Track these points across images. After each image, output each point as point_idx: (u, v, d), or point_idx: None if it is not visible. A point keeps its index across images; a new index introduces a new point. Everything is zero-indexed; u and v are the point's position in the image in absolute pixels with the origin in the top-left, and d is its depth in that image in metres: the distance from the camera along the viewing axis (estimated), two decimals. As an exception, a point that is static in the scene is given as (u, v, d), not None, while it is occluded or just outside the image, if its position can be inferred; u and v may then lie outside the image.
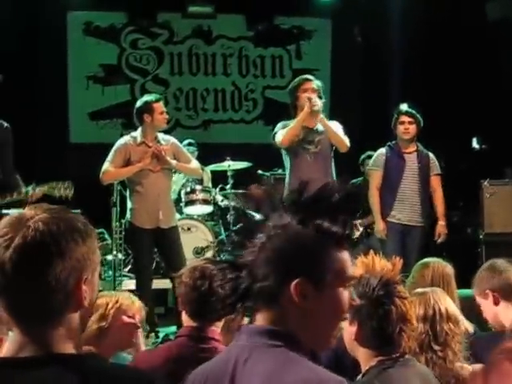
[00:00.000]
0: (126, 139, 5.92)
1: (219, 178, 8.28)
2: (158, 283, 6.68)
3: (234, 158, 7.99)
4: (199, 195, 7.56)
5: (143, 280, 5.91)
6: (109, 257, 7.44)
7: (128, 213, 5.98)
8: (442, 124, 8.60)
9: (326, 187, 1.56)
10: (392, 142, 6.41)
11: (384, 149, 6.41)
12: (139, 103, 5.93)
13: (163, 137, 6.00)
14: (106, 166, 5.82)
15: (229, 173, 7.97)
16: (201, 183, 7.86)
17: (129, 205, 5.97)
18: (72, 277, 1.40)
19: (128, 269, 7.56)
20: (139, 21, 10.29)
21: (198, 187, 7.63)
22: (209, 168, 8.14)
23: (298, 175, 5.60)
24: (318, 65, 10.36)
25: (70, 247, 1.40)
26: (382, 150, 6.41)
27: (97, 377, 1.39)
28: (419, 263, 3.79)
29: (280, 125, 5.85)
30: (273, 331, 1.50)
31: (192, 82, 10.53)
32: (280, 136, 5.76)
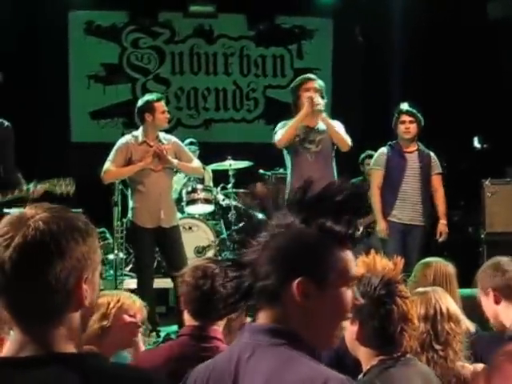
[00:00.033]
0: (128, 138, 5.92)
1: (220, 178, 8.27)
2: (160, 282, 6.68)
3: (236, 158, 7.99)
4: (200, 194, 7.56)
5: (144, 279, 5.90)
6: (110, 256, 7.45)
7: (129, 212, 5.98)
8: (443, 123, 8.60)
9: (331, 186, 1.56)
10: (393, 142, 6.41)
11: (385, 148, 6.40)
12: (140, 102, 5.93)
13: (164, 136, 5.99)
14: (108, 166, 5.82)
15: (230, 172, 7.96)
16: (202, 182, 7.86)
17: (130, 204, 5.97)
18: (72, 276, 1.40)
19: (129, 268, 7.55)
20: (140, 20, 10.29)
21: (200, 186, 7.63)
22: (210, 167, 8.13)
23: (299, 175, 5.59)
24: (320, 64, 10.36)
25: (71, 246, 1.40)
26: (383, 150, 6.40)
27: (98, 376, 1.39)
28: (421, 263, 3.78)
29: (281, 124, 5.84)
30: (276, 329, 1.50)
31: (193, 82, 10.53)
32: (278, 135, 5.75)
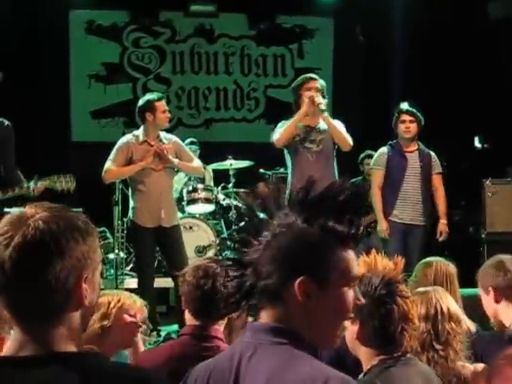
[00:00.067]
0: (128, 138, 5.92)
1: (221, 177, 8.27)
2: (160, 282, 6.67)
3: (236, 157, 7.99)
4: (201, 194, 7.56)
5: (145, 279, 5.90)
6: (111, 255, 7.45)
7: (130, 211, 5.98)
8: (444, 123, 8.60)
9: (332, 186, 1.56)
10: (393, 141, 6.40)
11: (385, 148, 6.40)
12: (141, 102, 5.92)
13: (165, 135, 5.99)
14: (108, 165, 5.82)
15: (231, 172, 7.96)
16: (203, 182, 7.85)
17: (131, 203, 5.96)
18: (72, 276, 1.40)
19: (130, 267, 7.56)
20: (141, 19, 10.29)
21: (200, 186, 7.63)
22: (211, 167, 8.13)
23: (300, 174, 5.59)
24: (320, 64, 10.36)
25: (70, 246, 1.40)
26: (384, 149, 6.40)
27: (98, 375, 1.38)
28: (422, 262, 3.77)
29: (281, 124, 5.84)
30: (278, 328, 1.50)
31: (194, 81, 10.53)
32: (277, 134, 5.75)
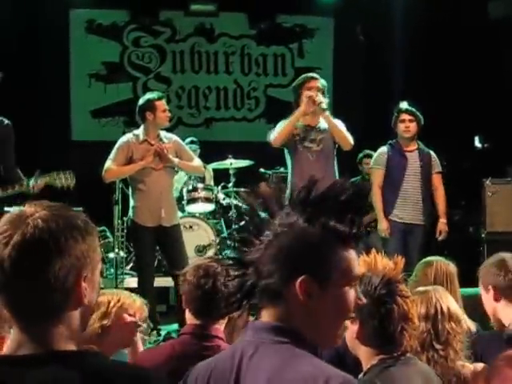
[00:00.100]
0: (129, 137, 5.91)
1: (221, 176, 8.27)
2: (160, 281, 6.67)
3: (236, 156, 7.99)
4: (201, 193, 7.56)
5: (145, 278, 5.90)
6: (111, 255, 7.45)
7: (130, 211, 5.98)
8: (445, 122, 8.60)
9: (334, 186, 1.56)
10: (393, 141, 6.40)
11: (385, 147, 6.39)
12: (141, 101, 5.92)
13: (165, 135, 5.99)
14: (109, 164, 5.82)
15: (231, 171, 7.96)
16: (203, 181, 7.85)
17: (131, 203, 5.96)
18: (71, 274, 1.40)
19: (130, 267, 7.56)
20: (141, 19, 10.29)
21: (200, 185, 7.63)
22: (211, 166, 8.13)
23: (300, 174, 5.59)
24: (321, 63, 10.35)
25: (69, 245, 1.40)
26: (384, 149, 6.39)
27: (97, 374, 1.38)
28: (422, 262, 3.77)
29: (281, 123, 5.84)
30: (279, 327, 1.50)
31: (194, 80, 10.53)
32: (275, 134, 5.75)
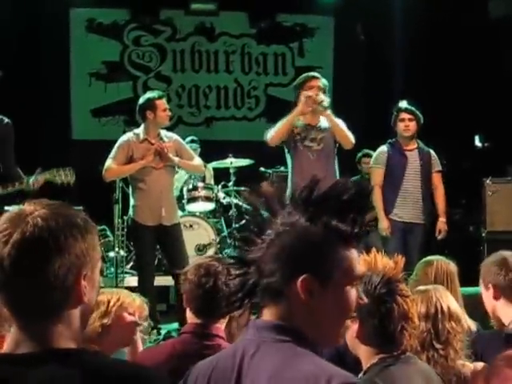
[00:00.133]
0: (129, 136, 5.91)
1: (221, 176, 8.27)
2: (160, 280, 6.66)
3: (237, 156, 7.98)
4: (201, 192, 7.56)
5: (145, 277, 5.90)
6: (111, 254, 7.44)
7: (130, 210, 5.98)
8: (445, 122, 8.59)
9: (337, 185, 1.56)
10: (392, 140, 6.40)
11: (385, 146, 6.39)
12: (142, 100, 5.92)
13: (166, 134, 5.99)
14: (109, 163, 5.82)
15: (231, 170, 7.95)
16: (203, 180, 7.85)
17: (131, 202, 5.97)
18: (71, 273, 1.40)
19: (130, 266, 7.56)
20: (142, 18, 10.30)
21: (201, 184, 7.63)
22: (211, 165, 8.12)
23: (301, 173, 5.58)
24: (321, 62, 10.36)
25: (69, 243, 1.40)
26: (384, 148, 6.39)
27: (97, 372, 1.38)
28: (422, 261, 3.77)
29: (278, 122, 5.83)
30: (281, 326, 1.50)
31: (194, 79, 10.53)
32: (271, 133, 5.74)
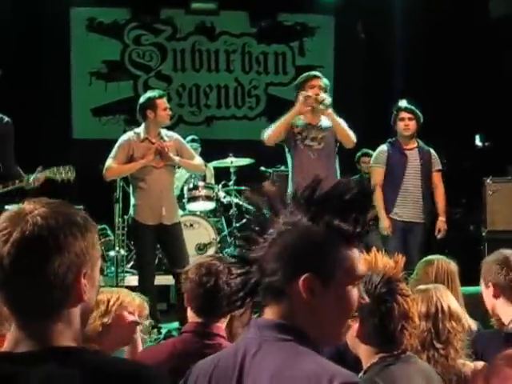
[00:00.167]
0: (129, 135, 5.92)
1: (222, 175, 8.26)
2: (161, 279, 6.66)
3: (237, 155, 7.97)
4: (202, 191, 7.55)
5: (146, 276, 5.90)
6: (111, 253, 7.44)
7: (131, 209, 5.98)
8: (445, 121, 8.59)
9: (339, 185, 1.56)
10: (392, 139, 6.40)
11: (385, 146, 6.39)
12: (142, 99, 5.92)
13: (166, 133, 5.99)
14: (109, 163, 5.82)
15: (231, 169, 7.94)
16: (204, 179, 7.85)
17: (132, 201, 5.97)
18: (71, 271, 1.40)
19: (130, 265, 7.56)
20: (142, 17, 10.30)
21: (201, 183, 7.62)
22: (212, 164, 8.12)
23: (301, 172, 5.58)
24: (321, 61, 10.36)
25: (69, 241, 1.40)
26: (384, 147, 6.39)
27: (97, 370, 1.38)
28: (423, 260, 3.77)
29: (276, 122, 5.83)
30: (282, 325, 1.50)
31: (195, 79, 10.53)
32: (269, 132, 5.74)
